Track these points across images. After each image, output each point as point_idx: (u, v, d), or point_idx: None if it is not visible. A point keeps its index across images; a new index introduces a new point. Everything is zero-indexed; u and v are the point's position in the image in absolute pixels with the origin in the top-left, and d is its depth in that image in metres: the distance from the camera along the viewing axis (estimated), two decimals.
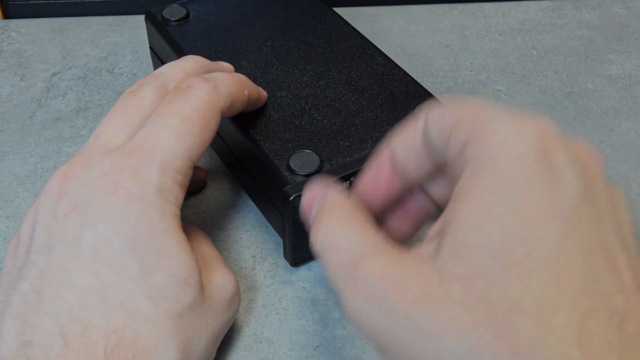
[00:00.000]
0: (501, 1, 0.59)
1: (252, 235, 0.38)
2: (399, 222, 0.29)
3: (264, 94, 0.38)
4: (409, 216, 0.28)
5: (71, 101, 0.48)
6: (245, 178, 0.39)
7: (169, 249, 0.28)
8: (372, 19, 0.56)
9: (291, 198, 0.32)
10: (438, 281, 0.20)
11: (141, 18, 0.47)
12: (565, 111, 0.47)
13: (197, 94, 0.31)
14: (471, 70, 0.51)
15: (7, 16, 0.57)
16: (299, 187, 0.33)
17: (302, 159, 0.34)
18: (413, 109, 0.38)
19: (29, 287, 0.27)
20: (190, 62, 0.35)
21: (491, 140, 0.21)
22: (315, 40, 0.43)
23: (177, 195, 0.29)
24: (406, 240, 0.29)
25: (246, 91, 0.35)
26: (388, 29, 0.55)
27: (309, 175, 0.34)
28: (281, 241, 0.36)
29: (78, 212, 0.28)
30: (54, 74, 0.51)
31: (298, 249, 0.35)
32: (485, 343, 0.19)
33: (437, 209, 0.28)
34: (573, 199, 0.20)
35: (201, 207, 0.40)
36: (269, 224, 0.39)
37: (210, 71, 0.35)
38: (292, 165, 0.34)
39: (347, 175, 0.34)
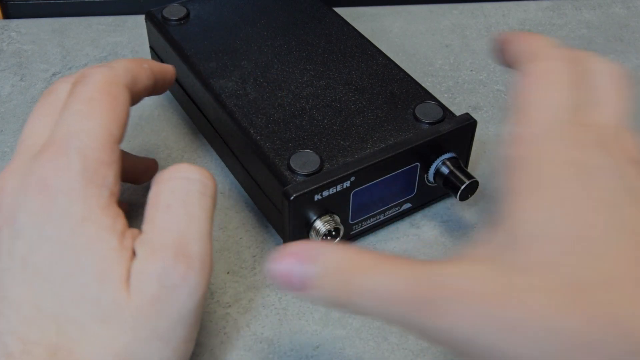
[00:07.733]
0: (501, 1, 0.59)
1: (252, 235, 0.38)
2: None
3: (168, 67, 0.36)
4: None
5: None
6: (245, 178, 0.39)
7: (87, 239, 0.26)
8: (372, 19, 0.56)
9: (291, 198, 0.32)
10: (515, 277, 0.22)
11: (141, 18, 0.47)
12: None
13: (94, 76, 0.30)
14: (471, 70, 0.51)
15: (7, 16, 0.57)
16: (300, 187, 0.33)
17: (303, 159, 0.34)
18: (413, 109, 0.38)
19: None
20: (113, 64, 0.34)
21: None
22: (315, 40, 0.43)
23: (104, 174, 0.27)
24: None
25: (145, 65, 0.34)
26: (388, 29, 0.55)
27: (309, 175, 0.34)
28: (281, 241, 0.36)
29: (9, 224, 0.27)
30: (54, 74, 0.51)
31: None
32: (584, 323, 0.20)
33: None
34: (607, 190, 0.24)
35: None
36: (269, 224, 0.39)
37: (137, 75, 0.33)
38: (292, 164, 0.34)
39: (347, 175, 0.34)
